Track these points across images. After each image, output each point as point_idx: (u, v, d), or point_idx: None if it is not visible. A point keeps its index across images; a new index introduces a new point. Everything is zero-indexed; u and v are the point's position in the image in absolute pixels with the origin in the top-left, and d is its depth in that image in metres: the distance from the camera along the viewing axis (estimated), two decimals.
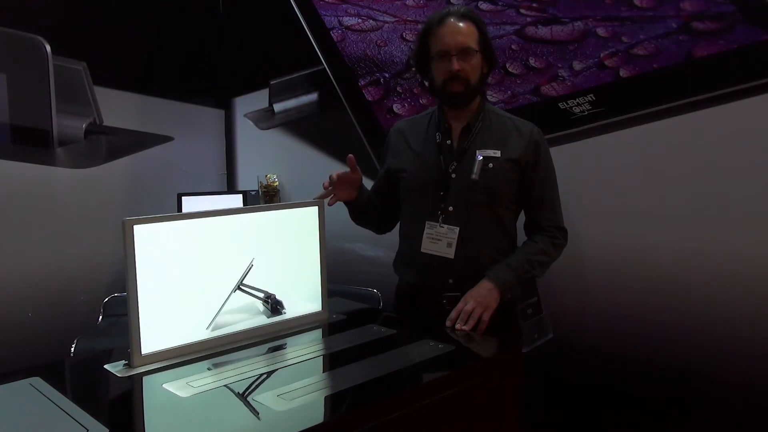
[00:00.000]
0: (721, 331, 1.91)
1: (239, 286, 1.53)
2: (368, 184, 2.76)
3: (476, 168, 1.70)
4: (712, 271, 1.92)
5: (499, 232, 1.74)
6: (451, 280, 1.73)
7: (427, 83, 1.80)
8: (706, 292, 1.93)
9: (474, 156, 1.72)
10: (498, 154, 1.71)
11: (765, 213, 1.82)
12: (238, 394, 1.22)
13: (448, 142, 1.77)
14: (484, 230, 1.72)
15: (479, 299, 1.61)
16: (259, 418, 1.12)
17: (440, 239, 1.73)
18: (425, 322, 1.71)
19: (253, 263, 1.53)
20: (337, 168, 2.91)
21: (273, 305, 1.58)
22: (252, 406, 1.16)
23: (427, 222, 1.75)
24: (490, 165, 1.71)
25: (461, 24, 1.68)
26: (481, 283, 1.65)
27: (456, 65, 1.66)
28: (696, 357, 1.97)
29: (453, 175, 1.74)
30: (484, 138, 1.74)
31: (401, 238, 1.87)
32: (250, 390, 1.24)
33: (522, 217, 1.84)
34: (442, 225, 1.73)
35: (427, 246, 1.75)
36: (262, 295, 1.58)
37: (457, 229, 1.71)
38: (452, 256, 1.70)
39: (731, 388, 1.91)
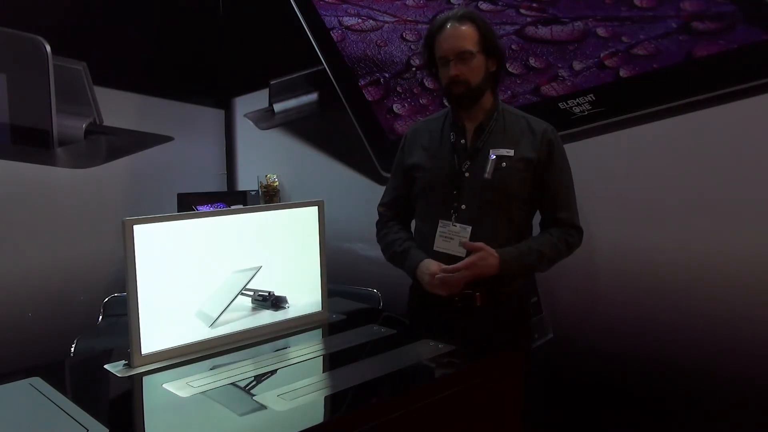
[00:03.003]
0: (721, 331, 1.91)
1: (242, 291, 1.53)
2: (369, 184, 2.79)
3: (489, 167, 1.71)
4: (712, 271, 1.91)
5: (512, 232, 1.74)
6: None
7: (438, 86, 1.83)
8: (705, 291, 1.93)
9: (487, 155, 1.72)
10: (511, 153, 1.72)
11: (766, 213, 1.82)
12: (238, 394, 1.22)
13: (462, 141, 1.77)
14: (496, 229, 1.71)
15: (476, 271, 1.64)
16: (259, 418, 1.12)
17: (453, 238, 1.73)
18: (434, 321, 1.72)
19: (259, 269, 1.53)
20: (336, 168, 2.95)
21: (274, 302, 1.58)
22: (252, 406, 1.16)
23: (440, 221, 1.75)
24: (503, 164, 1.71)
25: (459, 28, 1.70)
26: (490, 257, 1.65)
27: (453, 70, 1.68)
28: (696, 357, 1.96)
29: (466, 174, 1.74)
30: (497, 137, 1.75)
31: (415, 236, 1.87)
32: (250, 390, 1.24)
33: (538, 216, 1.83)
34: (454, 224, 1.73)
35: (440, 244, 1.74)
36: (259, 297, 1.58)
37: (469, 228, 1.71)
38: (464, 255, 1.70)
39: (731, 388, 1.90)
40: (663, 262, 2.00)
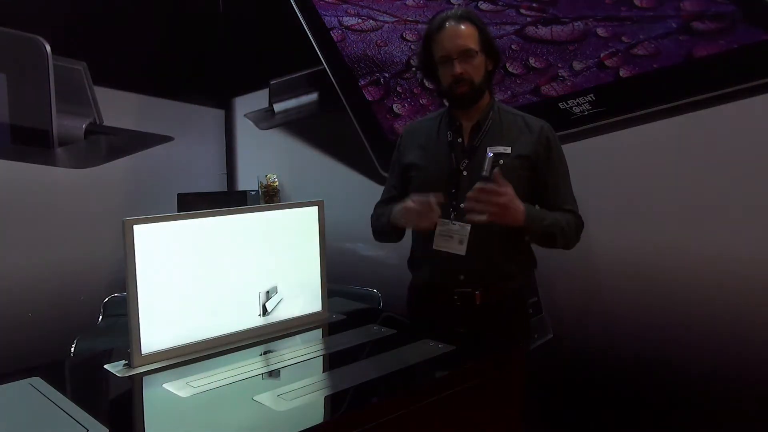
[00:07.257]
0: (721, 331, 1.91)
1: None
2: (369, 184, 2.79)
3: (487, 165, 1.71)
4: (712, 271, 1.92)
5: (511, 229, 1.74)
6: (462, 277, 1.73)
7: (435, 87, 1.83)
8: (705, 291, 1.93)
9: (485, 153, 1.72)
10: (508, 150, 1.72)
11: (765, 213, 1.82)
12: (238, 394, 1.22)
13: (459, 140, 1.78)
14: (495, 227, 1.71)
15: (505, 209, 1.60)
16: (259, 418, 1.12)
17: (452, 236, 1.73)
18: (435, 320, 1.72)
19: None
20: (336, 168, 2.95)
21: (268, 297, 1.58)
22: (252, 407, 1.16)
23: (439, 219, 1.75)
24: (501, 161, 1.71)
25: (460, 26, 1.70)
26: (518, 201, 1.62)
27: (458, 68, 1.69)
28: (696, 357, 1.96)
29: (464, 173, 1.74)
30: (494, 135, 1.75)
31: (413, 236, 1.88)
32: (250, 390, 1.24)
33: None
34: (453, 222, 1.73)
35: (439, 243, 1.74)
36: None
37: (468, 226, 1.71)
38: (464, 253, 1.70)
39: (731, 388, 1.91)
40: (662, 263, 2.01)
